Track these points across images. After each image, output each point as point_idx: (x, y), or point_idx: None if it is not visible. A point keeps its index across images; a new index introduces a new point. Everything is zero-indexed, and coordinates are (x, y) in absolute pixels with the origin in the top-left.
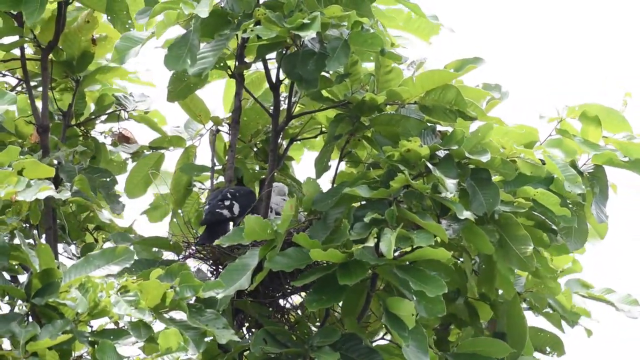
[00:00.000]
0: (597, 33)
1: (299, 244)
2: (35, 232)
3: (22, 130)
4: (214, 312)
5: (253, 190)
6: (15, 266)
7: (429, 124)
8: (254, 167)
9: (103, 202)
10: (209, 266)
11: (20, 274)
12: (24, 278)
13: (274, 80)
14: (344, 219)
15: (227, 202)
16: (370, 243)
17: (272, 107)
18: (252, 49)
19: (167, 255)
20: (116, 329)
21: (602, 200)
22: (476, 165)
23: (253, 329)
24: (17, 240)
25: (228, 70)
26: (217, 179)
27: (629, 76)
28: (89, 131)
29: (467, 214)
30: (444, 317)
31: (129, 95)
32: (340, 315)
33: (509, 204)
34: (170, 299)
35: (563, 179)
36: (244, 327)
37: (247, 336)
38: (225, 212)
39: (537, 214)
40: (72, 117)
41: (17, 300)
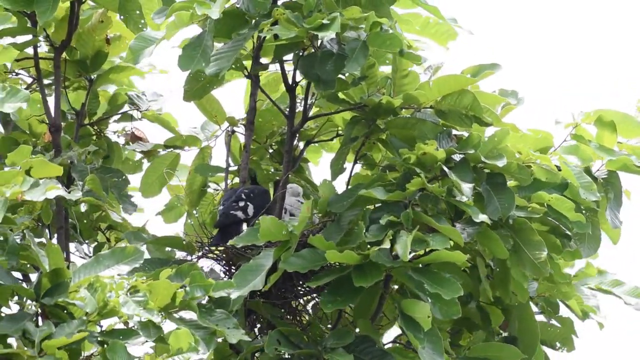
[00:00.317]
0: (608, 35)
1: (315, 245)
2: (47, 231)
3: (36, 129)
4: (224, 312)
5: (267, 190)
6: (28, 265)
7: (445, 128)
8: (268, 169)
9: (115, 202)
10: (222, 266)
11: (30, 273)
12: (34, 277)
13: (290, 81)
14: (359, 221)
15: (242, 204)
16: (386, 244)
17: (287, 109)
18: (268, 50)
19: (181, 255)
20: (126, 328)
21: (616, 206)
22: (492, 170)
23: (265, 330)
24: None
25: (244, 71)
26: (232, 180)
27: None
28: (102, 130)
29: (483, 217)
30: (456, 321)
31: (142, 94)
32: (352, 317)
33: (524, 209)
34: (180, 298)
35: (578, 185)
36: (256, 328)
37: (259, 337)
38: (240, 213)
39: (551, 219)
40: (85, 116)
41: (27, 299)
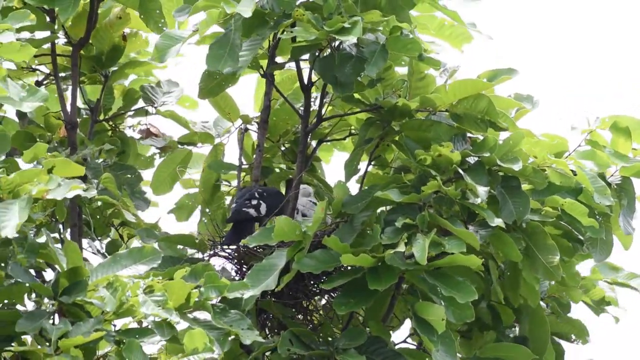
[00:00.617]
0: (612, 36)
1: (329, 247)
2: (60, 227)
3: (51, 123)
4: (238, 313)
5: (280, 191)
6: (41, 262)
7: (460, 130)
8: (281, 167)
9: (128, 200)
10: (234, 265)
11: (44, 270)
12: (47, 274)
13: (306, 81)
14: (375, 224)
15: (254, 202)
16: (401, 247)
17: (302, 108)
18: (284, 48)
19: (192, 253)
20: (141, 327)
21: (629, 213)
22: (506, 173)
23: (276, 329)
24: (41, 238)
25: (260, 70)
26: (244, 178)
27: None
28: (117, 126)
29: (499, 221)
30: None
31: (157, 86)
32: (363, 318)
33: (537, 213)
34: (194, 299)
35: (592, 190)
36: (267, 328)
37: (269, 337)
38: (252, 211)
39: (564, 223)
40: (100, 112)
41: (44, 297)
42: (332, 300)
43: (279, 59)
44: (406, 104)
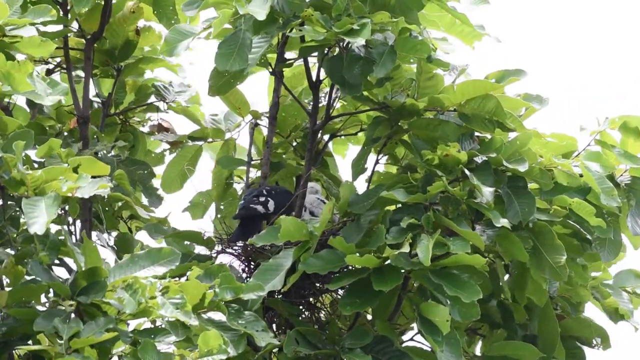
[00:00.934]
0: (616, 37)
1: (335, 247)
2: (70, 219)
3: (62, 115)
4: (252, 314)
5: (289, 191)
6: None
7: (467, 130)
8: (292, 163)
9: (140, 195)
10: (241, 262)
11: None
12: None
13: (314, 79)
14: (380, 224)
15: (262, 198)
16: (405, 248)
17: (311, 104)
18: (293, 43)
19: (200, 249)
20: (156, 327)
21: (638, 213)
22: (513, 173)
23: (283, 327)
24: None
25: (268, 67)
26: (256, 172)
27: None
28: (127, 120)
29: (504, 222)
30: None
31: (168, 85)
32: (370, 316)
33: (545, 212)
34: (209, 299)
35: (599, 191)
36: (274, 325)
37: (277, 334)
38: (260, 207)
39: (572, 222)
40: (111, 105)
41: (62, 297)
42: (338, 298)
43: (289, 54)
44: (414, 103)
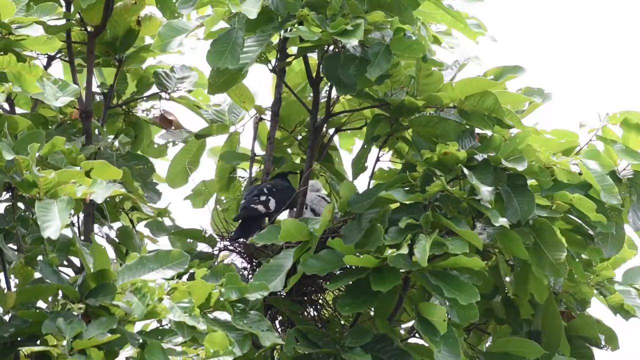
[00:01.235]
0: (620, 37)
1: (334, 248)
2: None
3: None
4: (257, 314)
5: (290, 185)
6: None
7: (467, 127)
8: (296, 158)
9: (141, 190)
10: (243, 259)
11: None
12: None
13: (314, 76)
14: (378, 224)
15: (263, 198)
16: (404, 249)
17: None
18: (294, 39)
19: (202, 247)
20: (163, 328)
21: (639, 208)
22: (513, 171)
23: (285, 324)
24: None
25: (269, 65)
26: (259, 167)
27: None
28: (130, 110)
29: (503, 221)
30: (481, 314)
31: (170, 72)
32: (372, 312)
33: (546, 209)
34: (215, 299)
35: (600, 189)
36: (276, 322)
37: (279, 331)
38: (261, 207)
39: (574, 218)
40: (113, 96)
41: (70, 299)
42: (340, 295)
43: (291, 48)
44: (413, 101)
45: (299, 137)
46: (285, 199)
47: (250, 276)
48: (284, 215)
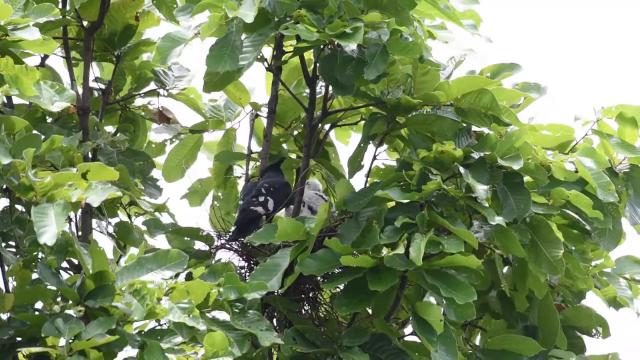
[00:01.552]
0: (619, 36)
1: (330, 247)
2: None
3: None
4: (256, 313)
5: (287, 182)
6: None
7: (464, 125)
8: (292, 155)
9: (140, 185)
10: (241, 258)
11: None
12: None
13: (311, 74)
14: (374, 223)
15: (261, 199)
16: (400, 248)
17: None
18: (290, 38)
19: (200, 245)
20: (162, 329)
21: (636, 201)
22: (509, 169)
23: (283, 322)
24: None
25: (265, 63)
26: (255, 163)
27: None
28: (127, 106)
29: (499, 220)
30: (477, 308)
31: (167, 69)
32: (370, 311)
33: (542, 206)
34: (213, 299)
35: (596, 186)
36: (274, 321)
37: (277, 329)
38: (260, 209)
39: (571, 213)
40: (111, 92)
41: (69, 301)
42: (338, 294)
43: (287, 44)
44: (409, 100)
45: (295, 134)
46: (283, 196)
47: (247, 275)
48: (281, 213)
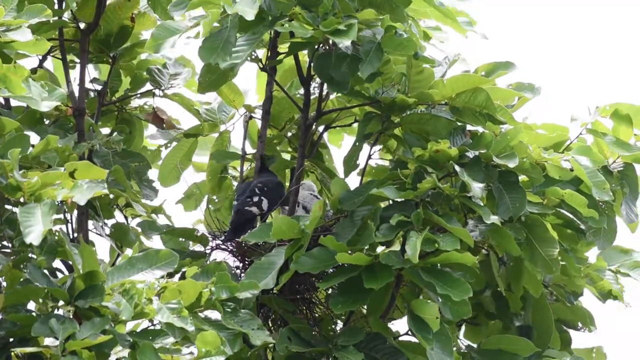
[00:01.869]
0: (618, 35)
1: (326, 245)
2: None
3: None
4: (248, 313)
5: (281, 181)
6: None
7: (459, 124)
8: (286, 156)
9: (136, 187)
10: (235, 258)
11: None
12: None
13: (306, 74)
14: (369, 221)
15: (256, 199)
16: (396, 246)
17: (303, 98)
18: (285, 36)
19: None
20: (154, 329)
21: (632, 200)
22: (504, 168)
23: (278, 322)
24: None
25: (259, 63)
26: (250, 165)
27: None
28: (123, 107)
29: (494, 219)
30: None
31: (163, 68)
32: (365, 311)
33: (537, 205)
34: (205, 298)
35: (591, 185)
36: (269, 321)
37: (272, 330)
38: (254, 209)
39: (566, 213)
40: (107, 94)
41: (60, 301)
42: (333, 293)
43: (281, 46)
44: (404, 99)
45: (289, 135)
46: (277, 196)
47: (242, 275)
48: (275, 213)
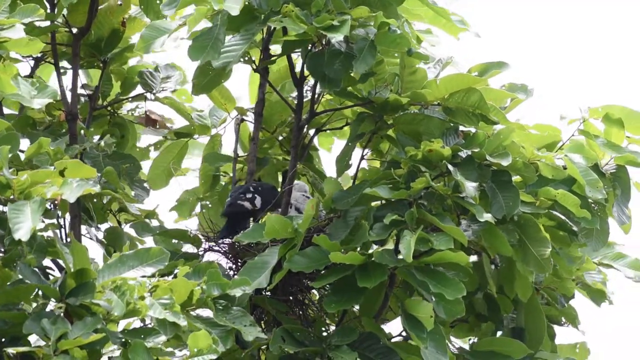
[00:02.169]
0: (616, 34)
1: (319, 244)
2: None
3: (52, 108)
4: (240, 310)
5: (275, 186)
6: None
7: (452, 124)
8: (277, 158)
9: (128, 189)
10: (228, 260)
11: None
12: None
13: (299, 75)
14: (363, 221)
15: (249, 195)
16: (389, 245)
17: (296, 100)
18: (277, 38)
19: (188, 247)
20: (146, 327)
21: (624, 201)
22: (497, 168)
23: (271, 323)
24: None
25: (252, 65)
26: (242, 168)
27: None
28: (115, 111)
29: (488, 217)
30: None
31: (154, 71)
32: (358, 312)
33: (530, 205)
34: (197, 296)
35: (584, 183)
36: (262, 322)
37: (265, 331)
38: (247, 204)
39: (558, 214)
40: (98, 98)
41: (51, 299)
42: (326, 294)
43: (273, 47)
44: (397, 99)
45: (280, 138)
46: (270, 197)
47: (235, 276)
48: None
